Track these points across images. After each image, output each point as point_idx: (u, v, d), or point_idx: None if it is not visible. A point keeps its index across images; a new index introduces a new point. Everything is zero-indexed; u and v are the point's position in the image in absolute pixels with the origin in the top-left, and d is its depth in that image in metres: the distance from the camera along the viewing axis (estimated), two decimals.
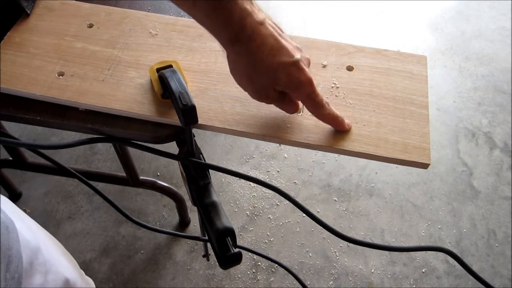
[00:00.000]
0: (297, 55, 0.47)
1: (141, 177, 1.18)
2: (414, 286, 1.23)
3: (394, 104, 0.57)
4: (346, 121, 0.53)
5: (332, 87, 0.59)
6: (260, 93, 0.49)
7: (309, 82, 0.48)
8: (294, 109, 0.52)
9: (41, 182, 1.37)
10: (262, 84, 0.48)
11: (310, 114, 0.54)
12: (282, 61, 0.46)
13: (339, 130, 0.54)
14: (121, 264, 1.24)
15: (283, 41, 0.47)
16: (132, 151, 1.03)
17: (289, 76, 0.47)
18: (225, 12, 0.43)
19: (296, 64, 0.47)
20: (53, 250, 0.58)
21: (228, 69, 0.50)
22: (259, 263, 1.25)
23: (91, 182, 0.62)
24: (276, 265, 1.23)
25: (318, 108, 0.51)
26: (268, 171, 1.43)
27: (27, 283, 0.48)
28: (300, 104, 0.55)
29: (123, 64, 0.59)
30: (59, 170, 0.92)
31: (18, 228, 0.49)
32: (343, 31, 1.83)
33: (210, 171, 0.54)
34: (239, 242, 1.27)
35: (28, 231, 0.52)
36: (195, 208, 0.59)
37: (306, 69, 0.48)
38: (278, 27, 0.48)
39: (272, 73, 0.47)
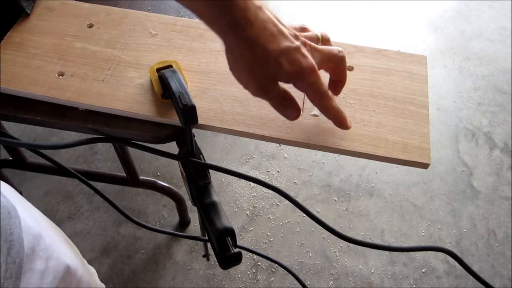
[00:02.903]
0: (297, 42, 0.45)
1: (141, 177, 1.18)
2: (414, 286, 1.23)
3: (394, 104, 0.57)
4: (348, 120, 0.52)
5: None
6: (261, 86, 0.46)
7: (312, 69, 0.46)
8: (295, 113, 0.49)
9: (41, 182, 1.37)
10: (263, 74, 0.45)
11: (310, 114, 0.55)
12: (283, 46, 0.44)
13: (341, 127, 0.52)
14: (121, 264, 1.24)
15: (282, 27, 0.45)
16: (132, 151, 1.03)
17: (291, 62, 0.44)
18: None
19: (298, 49, 0.45)
20: (55, 237, 0.58)
21: (228, 69, 0.49)
22: (259, 263, 1.25)
23: (91, 182, 0.62)
24: (276, 265, 1.23)
25: (322, 99, 0.48)
26: (268, 171, 1.43)
27: (28, 268, 0.49)
28: (300, 104, 0.55)
29: (123, 64, 0.59)
30: (59, 170, 0.92)
31: (20, 214, 0.50)
32: (343, 31, 1.83)
33: (210, 171, 0.54)
34: (239, 242, 1.27)
35: (30, 217, 0.53)
36: (195, 208, 0.59)
37: (309, 56, 0.46)
38: (274, 15, 0.46)
39: (274, 61, 0.44)
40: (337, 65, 0.51)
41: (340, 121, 0.51)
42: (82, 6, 0.65)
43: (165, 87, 0.53)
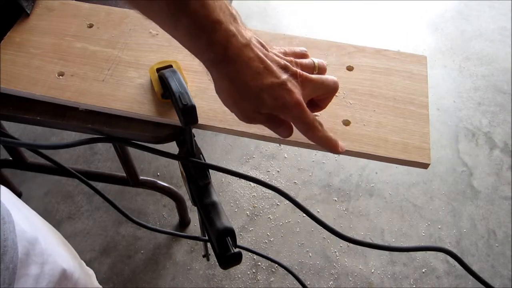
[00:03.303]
0: (284, 76, 0.45)
1: (141, 177, 1.18)
2: (414, 286, 1.23)
3: (394, 104, 0.57)
4: (340, 143, 0.51)
5: None
6: (245, 116, 0.47)
7: (297, 104, 0.45)
8: (286, 132, 0.49)
9: (41, 182, 1.37)
10: (247, 107, 0.46)
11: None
12: (267, 83, 0.44)
13: (333, 152, 0.52)
14: (121, 264, 1.24)
15: (269, 62, 0.45)
16: (132, 151, 1.03)
17: (275, 98, 0.45)
18: (208, 33, 0.41)
19: (282, 85, 0.45)
20: (51, 240, 0.58)
21: None
22: (259, 263, 1.25)
23: (91, 182, 0.62)
24: (276, 265, 1.23)
25: (308, 130, 0.48)
26: (268, 171, 1.43)
27: (23, 273, 0.49)
28: None
29: (123, 64, 0.59)
30: (59, 170, 0.92)
31: (15, 219, 0.49)
32: (343, 31, 1.83)
33: (210, 171, 0.54)
34: (239, 242, 1.27)
35: (26, 221, 0.52)
36: (195, 208, 0.59)
37: (294, 90, 0.45)
38: (264, 46, 0.46)
39: (256, 97, 0.44)
40: (326, 96, 0.51)
41: (331, 149, 0.51)
42: (82, 6, 0.65)
43: (165, 87, 0.53)
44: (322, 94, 0.51)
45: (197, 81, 0.58)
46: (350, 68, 0.61)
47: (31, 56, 0.59)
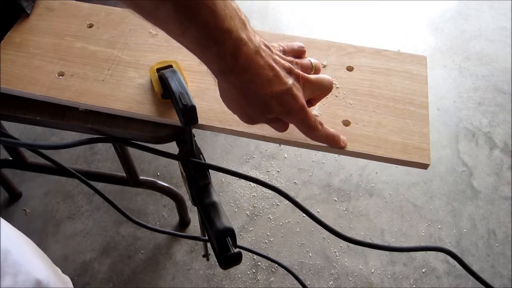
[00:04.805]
0: (290, 81, 0.46)
1: (141, 177, 1.18)
2: (414, 286, 1.23)
3: (394, 104, 0.57)
4: (342, 137, 0.53)
5: None
6: (250, 120, 0.48)
7: (301, 108, 0.47)
8: (283, 128, 0.51)
9: (41, 182, 1.37)
10: (253, 113, 0.47)
11: None
12: (275, 91, 0.45)
13: (335, 147, 0.53)
14: (121, 264, 1.24)
15: (278, 68, 0.45)
16: (132, 151, 1.03)
17: (282, 104, 0.46)
18: (218, 43, 0.40)
19: (288, 91, 0.46)
20: (24, 251, 0.58)
21: None
22: (259, 263, 1.25)
23: (91, 182, 0.62)
24: (276, 265, 1.23)
25: (311, 131, 0.50)
26: (268, 171, 1.43)
27: None
28: None
29: (123, 64, 0.59)
30: (59, 170, 0.92)
31: None
32: (343, 31, 1.83)
33: (210, 171, 0.54)
34: (239, 242, 1.27)
35: None
36: (195, 208, 0.59)
37: (299, 95, 0.47)
38: (270, 48, 0.46)
39: (264, 104, 0.45)
40: (323, 95, 0.53)
41: (332, 144, 0.53)
42: (82, 6, 0.65)
43: (165, 87, 0.53)
44: (318, 94, 0.52)
45: (197, 81, 0.58)
46: (350, 68, 0.61)
47: (31, 56, 0.59)
